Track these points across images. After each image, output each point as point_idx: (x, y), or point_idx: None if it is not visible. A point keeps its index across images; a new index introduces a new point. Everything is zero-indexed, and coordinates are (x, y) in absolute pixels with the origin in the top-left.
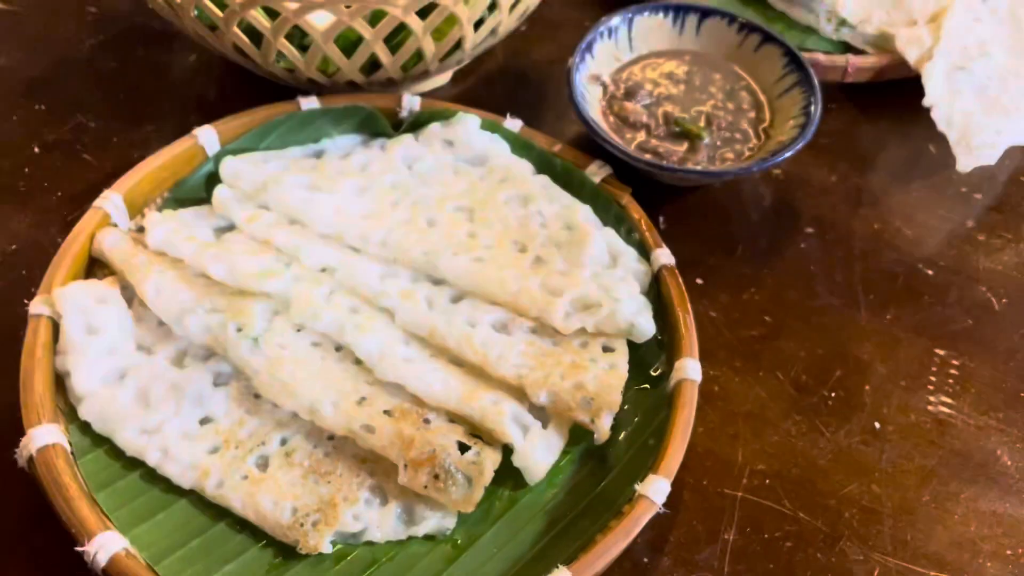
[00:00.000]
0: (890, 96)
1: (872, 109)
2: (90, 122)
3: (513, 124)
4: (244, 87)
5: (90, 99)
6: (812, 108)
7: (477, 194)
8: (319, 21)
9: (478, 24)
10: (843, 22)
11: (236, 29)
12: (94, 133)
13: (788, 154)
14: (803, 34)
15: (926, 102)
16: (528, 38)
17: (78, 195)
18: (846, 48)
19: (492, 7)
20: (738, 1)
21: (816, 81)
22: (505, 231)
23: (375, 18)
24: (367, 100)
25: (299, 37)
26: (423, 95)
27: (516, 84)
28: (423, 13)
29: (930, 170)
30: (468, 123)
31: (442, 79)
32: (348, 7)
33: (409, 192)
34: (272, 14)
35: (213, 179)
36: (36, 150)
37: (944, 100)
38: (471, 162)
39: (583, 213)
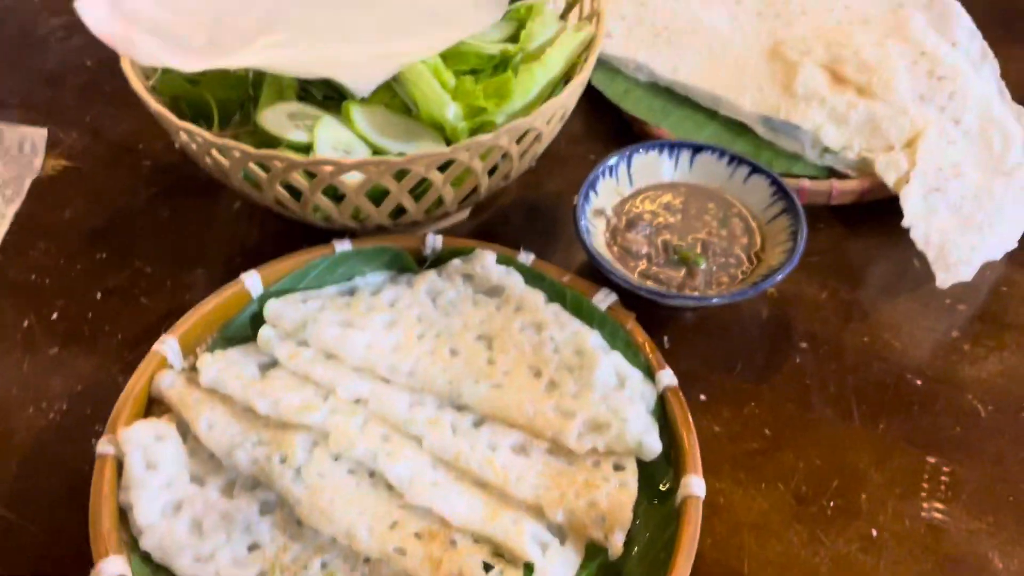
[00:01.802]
0: (874, 215)
1: (858, 227)
2: (146, 267)
3: (526, 257)
4: (284, 230)
5: (146, 246)
6: (798, 235)
7: (495, 323)
8: (352, 178)
9: (492, 171)
10: (826, 149)
11: (279, 187)
12: (150, 278)
13: (778, 278)
14: (790, 160)
15: (905, 223)
16: (538, 172)
17: (136, 337)
18: (831, 172)
19: (504, 156)
20: (729, 132)
21: (801, 208)
22: (521, 357)
23: (401, 174)
24: (394, 241)
25: (333, 189)
26: (444, 230)
27: (529, 216)
28: (443, 167)
29: (915, 283)
30: (485, 258)
31: (462, 215)
32: (377, 167)
33: (433, 324)
34: (311, 174)
35: (258, 318)
36: (98, 296)
37: (921, 220)
38: (489, 293)
39: (592, 339)
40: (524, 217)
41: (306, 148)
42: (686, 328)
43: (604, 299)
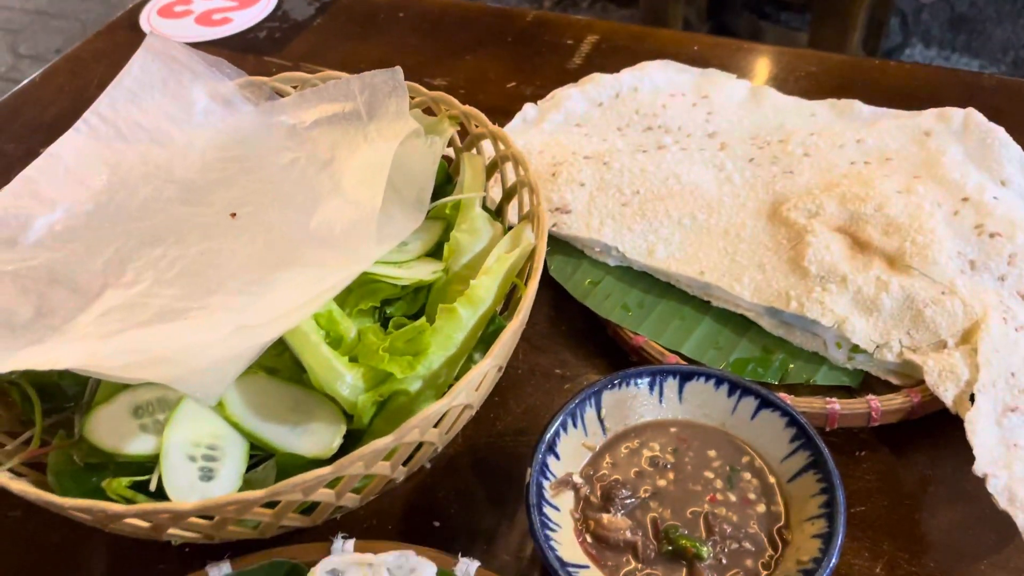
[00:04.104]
0: (930, 425)
1: (909, 450)
2: None
3: (466, 568)
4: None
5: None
6: (834, 511)
7: None
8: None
9: (410, 458)
10: (856, 348)
11: (115, 526)
12: None
13: None
14: (811, 364)
15: (977, 469)
16: (490, 403)
17: None
18: (866, 377)
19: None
20: (729, 329)
21: (834, 468)
22: None
23: (272, 503)
24: (289, 554)
25: None
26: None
27: (479, 467)
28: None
29: (995, 532)
30: None
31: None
32: (236, 506)
33: None
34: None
35: None
36: None
37: (1000, 464)
38: None
39: None
40: (473, 470)
41: (153, 458)
42: None
43: None
